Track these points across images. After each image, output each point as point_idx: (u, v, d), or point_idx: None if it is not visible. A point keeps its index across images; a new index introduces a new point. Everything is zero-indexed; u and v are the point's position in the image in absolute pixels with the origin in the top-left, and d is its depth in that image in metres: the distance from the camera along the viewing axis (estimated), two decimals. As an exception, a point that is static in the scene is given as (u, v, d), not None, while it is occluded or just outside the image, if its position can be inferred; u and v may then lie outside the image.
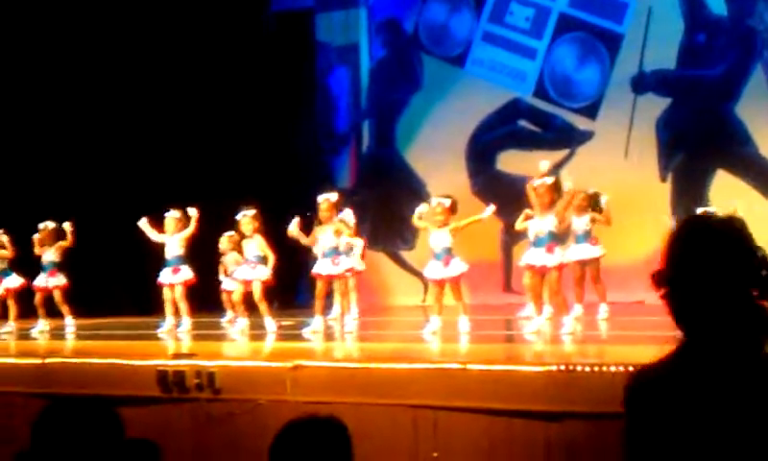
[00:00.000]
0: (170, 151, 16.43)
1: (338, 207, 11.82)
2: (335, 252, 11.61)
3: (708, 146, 15.64)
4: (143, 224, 12.61)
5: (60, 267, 13.33)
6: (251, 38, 17.58)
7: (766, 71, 15.41)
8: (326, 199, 11.71)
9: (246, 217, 12.10)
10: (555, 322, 10.78)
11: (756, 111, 15.37)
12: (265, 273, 12.01)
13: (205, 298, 13.64)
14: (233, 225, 12.68)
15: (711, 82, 15.79)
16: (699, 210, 12.18)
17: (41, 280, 13.28)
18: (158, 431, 8.36)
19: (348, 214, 12.90)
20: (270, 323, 11.86)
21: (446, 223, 10.91)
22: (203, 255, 12.91)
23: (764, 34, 15.47)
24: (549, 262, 10.64)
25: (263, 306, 11.99)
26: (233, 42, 17.02)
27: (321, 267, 11.61)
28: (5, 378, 9.54)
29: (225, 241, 13.61)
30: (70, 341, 12.22)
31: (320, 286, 11.63)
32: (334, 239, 11.59)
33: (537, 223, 10.82)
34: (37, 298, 13.25)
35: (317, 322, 11.45)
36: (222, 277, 13.68)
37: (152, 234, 12.61)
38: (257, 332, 11.72)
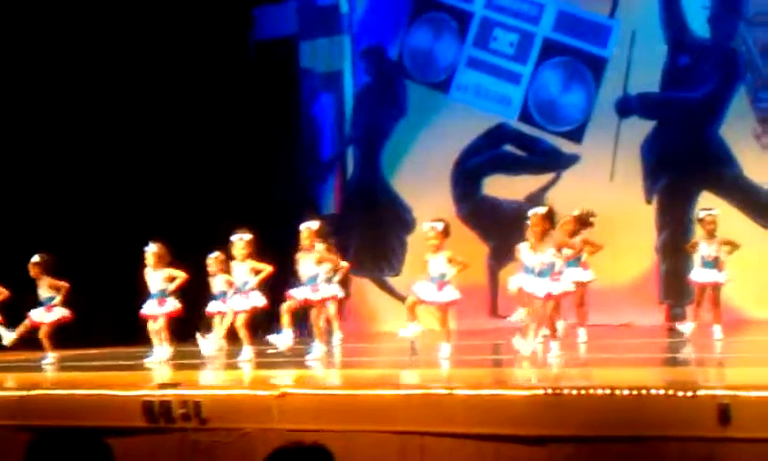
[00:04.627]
0: (155, 180, 16.40)
1: (319, 236, 11.72)
2: (314, 280, 11.54)
3: (692, 168, 15.68)
4: None
5: None
6: (235, 67, 17.61)
7: (749, 93, 15.48)
8: (307, 227, 11.64)
9: (241, 241, 11.96)
10: (544, 345, 10.73)
11: (740, 133, 15.43)
12: (259, 301, 11.95)
13: (189, 326, 13.55)
14: (219, 247, 12.62)
15: (695, 104, 15.85)
16: (701, 214, 12.11)
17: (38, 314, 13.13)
18: (145, 462, 8.34)
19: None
20: (247, 351, 11.77)
21: (441, 247, 10.85)
22: (185, 285, 12.77)
23: (747, 55, 15.55)
24: (555, 290, 10.54)
25: (243, 333, 11.93)
26: (218, 71, 17.04)
27: (298, 292, 11.54)
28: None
29: (213, 263, 13.52)
30: (54, 373, 12.13)
31: (289, 304, 11.58)
32: (314, 268, 11.53)
33: (538, 256, 10.71)
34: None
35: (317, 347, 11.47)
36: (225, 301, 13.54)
37: None
38: (246, 361, 11.67)
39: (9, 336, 13.04)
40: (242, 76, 17.77)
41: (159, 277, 12.34)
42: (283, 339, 11.89)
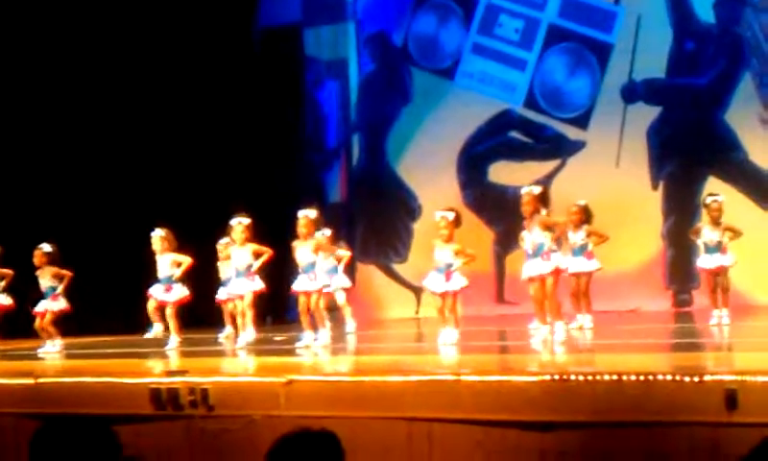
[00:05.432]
0: (160, 167, 16.39)
1: (317, 224, 11.65)
2: (312, 268, 11.48)
3: (698, 153, 15.68)
4: None
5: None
6: (240, 54, 17.58)
7: (755, 78, 15.46)
8: (305, 215, 11.55)
9: (240, 225, 11.92)
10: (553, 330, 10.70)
11: (745, 118, 15.43)
12: (259, 285, 11.93)
13: (195, 313, 13.56)
14: (225, 235, 12.64)
15: (701, 89, 15.84)
16: (708, 199, 12.01)
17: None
18: (153, 449, 8.35)
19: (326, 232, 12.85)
20: (250, 332, 11.76)
21: (451, 237, 10.82)
22: (192, 272, 12.78)
23: (752, 41, 15.52)
24: (545, 270, 10.55)
25: (249, 315, 11.90)
26: (223, 59, 17.01)
27: (298, 284, 11.51)
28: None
29: (222, 249, 13.53)
30: (62, 361, 12.13)
31: (302, 301, 11.55)
32: (312, 256, 11.48)
33: (529, 235, 10.73)
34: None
35: (307, 337, 11.40)
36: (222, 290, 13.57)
37: None
38: (252, 347, 11.67)
39: (53, 346, 12.87)
40: (246, 63, 17.73)
41: (166, 262, 12.37)
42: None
